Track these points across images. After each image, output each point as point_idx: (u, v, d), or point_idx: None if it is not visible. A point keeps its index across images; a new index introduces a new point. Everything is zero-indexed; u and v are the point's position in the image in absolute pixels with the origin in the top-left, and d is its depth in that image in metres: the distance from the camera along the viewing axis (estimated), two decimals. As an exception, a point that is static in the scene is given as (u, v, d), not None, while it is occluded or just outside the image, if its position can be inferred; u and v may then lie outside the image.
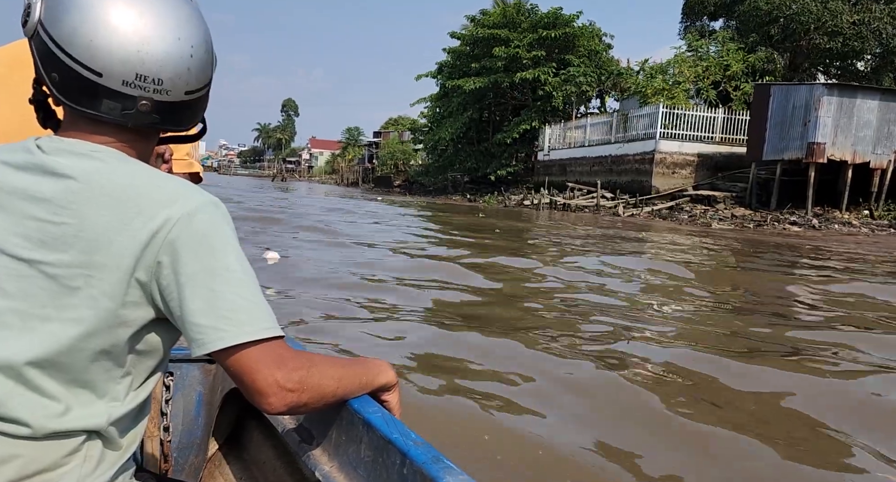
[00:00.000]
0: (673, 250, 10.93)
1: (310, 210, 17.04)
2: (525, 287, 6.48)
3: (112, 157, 0.83)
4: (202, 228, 0.81)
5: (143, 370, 0.86)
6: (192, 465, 1.51)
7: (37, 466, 0.77)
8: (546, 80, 29.70)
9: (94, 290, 0.78)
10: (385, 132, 62.07)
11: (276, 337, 0.82)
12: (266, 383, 0.81)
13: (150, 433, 1.38)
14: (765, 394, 3.33)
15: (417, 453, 0.85)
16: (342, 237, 10.42)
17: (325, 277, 6.29)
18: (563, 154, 28.79)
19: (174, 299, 0.80)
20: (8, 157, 0.84)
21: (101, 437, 0.83)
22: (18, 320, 0.78)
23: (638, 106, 23.53)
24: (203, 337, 0.80)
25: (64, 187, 0.80)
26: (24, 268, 0.79)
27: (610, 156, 24.59)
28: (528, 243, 11.45)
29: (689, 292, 6.53)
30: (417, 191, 39.76)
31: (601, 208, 21.78)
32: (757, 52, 22.33)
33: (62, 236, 0.78)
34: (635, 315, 5.22)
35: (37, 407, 0.77)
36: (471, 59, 32.97)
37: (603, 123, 26.00)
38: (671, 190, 21.46)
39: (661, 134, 21.58)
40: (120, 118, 0.84)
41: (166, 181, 0.84)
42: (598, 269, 7.91)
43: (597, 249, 10.32)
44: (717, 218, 18.12)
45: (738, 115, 21.68)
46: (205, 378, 1.54)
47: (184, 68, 0.84)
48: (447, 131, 34.49)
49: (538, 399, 3.08)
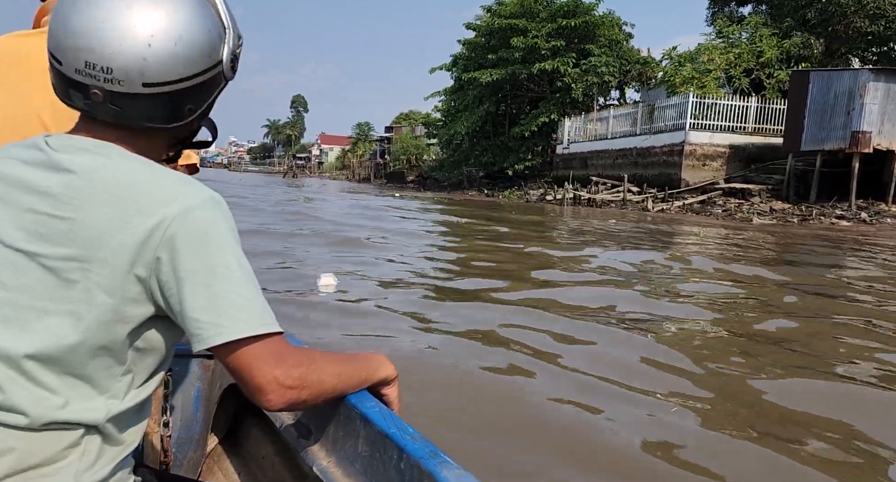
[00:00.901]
0: (730, 246, 10.11)
1: (340, 212, 16.28)
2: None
3: (114, 153, 0.83)
4: (201, 225, 0.80)
5: (144, 368, 0.86)
6: (191, 460, 1.52)
7: (34, 459, 0.77)
8: (566, 71, 28.79)
9: (91, 285, 0.78)
10: (397, 127, 61.26)
11: (274, 333, 0.82)
12: (265, 380, 0.80)
13: (150, 428, 1.37)
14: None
15: (414, 448, 0.85)
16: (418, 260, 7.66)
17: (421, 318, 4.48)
18: (583, 147, 27.94)
19: (174, 295, 0.80)
20: (18, 153, 0.85)
21: (101, 433, 0.82)
22: (16, 312, 0.78)
23: (665, 96, 22.60)
24: (201, 332, 0.79)
25: (66, 182, 0.80)
26: (23, 260, 0.79)
27: (635, 148, 23.71)
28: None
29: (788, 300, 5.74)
30: (431, 186, 39.00)
31: (628, 203, 20.91)
32: (792, 38, 21.30)
33: (62, 230, 0.78)
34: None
35: (35, 398, 0.77)
36: (487, 50, 32.08)
37: (627, 115, 25.10)
38: (701, 183, 20.57)
39: (690, 125, 20.67)
40: (85, 109, 0.84)
41: (166, 177, 0.83)
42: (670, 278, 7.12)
43: (649, 245, 9.53)
44: (755, 212, 17.22)
45: (773, 103, 20.72)
46: (203, 373, 1.55)
47: (138, 58, 0.80)
48: (463, 125, 33.64)
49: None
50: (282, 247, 7.93)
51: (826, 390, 3.29)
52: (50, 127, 1.18)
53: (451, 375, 3.29)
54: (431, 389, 2.96)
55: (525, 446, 2.45)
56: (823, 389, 3.30)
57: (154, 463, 1.39)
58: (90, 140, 0.84)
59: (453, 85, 36.78)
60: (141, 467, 0.98)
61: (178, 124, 0.88)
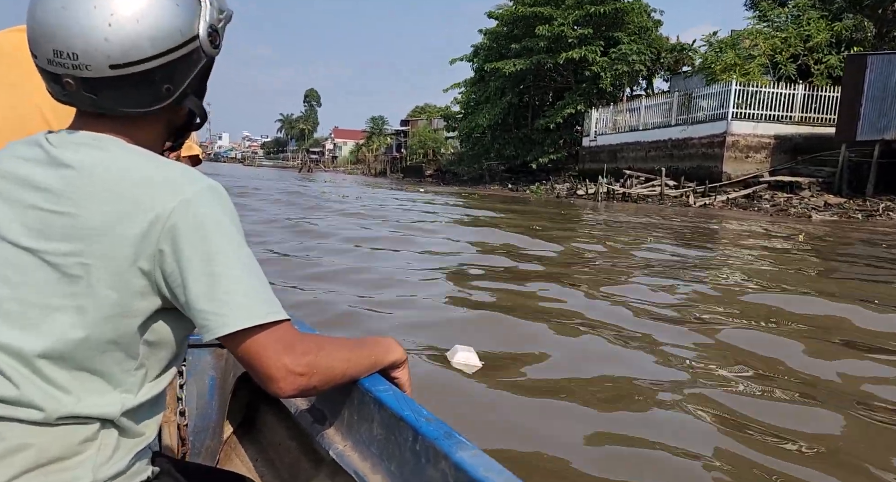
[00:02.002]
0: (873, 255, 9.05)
1: (375, 212, 15.33)
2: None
3: (113, 145, 0.83)
4: (200, 214, 0.79)
5: (157, 362, 0.85)
6: (208, 448, 1.54)
7: (52, 454, 0.77)
8: (594, 60, 27.62)
9: (95, 280, 0.77)
10: (413, 120, 60.20)
11: (281, 321, 0.81)
12: (275, 368, 0.80)
13: (167, 418, 1.36)
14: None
15: (429, 429, 0.85)
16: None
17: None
18: (612, 139, 26.82)
19: (179, 287, 0.79)
20: (20, 151, 0.85)
21: (117, 427, 0.82)
22: (23, 309, 0.78)
23: (704, 84, 21.40)
24: (208, 323, 0.79)
25: (64, 177, 0.80)
26: (26, 256, 0.79)
27: (670, 140, 22.57)
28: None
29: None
30: (450, 180, 38.06)
31: (666, 198, 19.80)
32: (843, 20, 20.00)
33: (63, 226, 0.78)
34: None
35: (48, 394, 0.77)
36: (510, 39, 30.95)
37: (661, 105, 23.94)
38: (744, 176, 19.42)
39: (733, 114, 19.51)
40: (65, 100, 0.84)
41: (165, 168, 0.82)
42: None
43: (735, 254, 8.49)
44: (810, 207, 16.08)
45: (821, 91, 19.49)
46: (217, 363, 1.56)
47: (99, 39, 0.78)
48: (484, 117, 32.54)
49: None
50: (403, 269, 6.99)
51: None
52: (52, 122, 1.20)
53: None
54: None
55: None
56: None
57: (171, 452, 1.40)
58: (88, 134, 0.84)
59: (474, 76, 35.68)
60: (159, 457, 0.97)
61: (158, 107, 0.85)
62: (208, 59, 0.88)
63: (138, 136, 0.86)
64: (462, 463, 0.77)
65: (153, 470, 0.90)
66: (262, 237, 8.09)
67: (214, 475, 1.16)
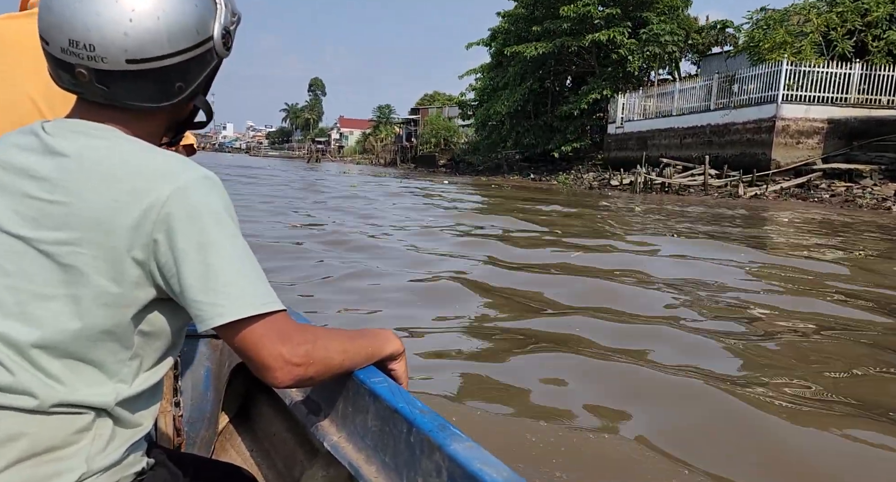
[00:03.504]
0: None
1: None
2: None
3: (110, 135, 0.82)
4: (195, 204, 0.79)
5: (152, 352, 0.85)
6: (203, 439, 1.53)
7: (46, 444, 0.76)
8: (621, 42, 26.12)
9: (89, 269, 0.77)
10: (423, 108, 58.59)
11: (277, 311, 0.81)
12: (271, 358, 0.80)
13: (162, 408, 1.35)
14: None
15: (424, 421, 0.85)
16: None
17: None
18: (640, 126, 25.40)
19: (173, 277, 0.78)
20: (16, 140, 0.84)
21: (111, 416, 0.81)
22: (18, 298, 0.77)
23: (749, 65, 19.91)
24: (202, 313, 0.78)
25: (59, 165, 0.79)
26: (20, 245, 0.78)
27: (708, 125, 21.16)
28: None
29: None
30: (465, 170, 36.74)
31: (710, 188, 18.40)
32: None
33: (57, 214, 0.77)
34: None
35: (43, 382, 0.77)
36: (530, 22, 29.40)
37: (698, 88, 22.48)
38: (795, 163, 18.01)
39: (783, 97, 18.05)
40: (74, 89, 0.83)
41: (159, 157, 0.81)
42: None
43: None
44: (878, 197, 14.68)
45: (880, 70, 18.00)
46: (212, 353, 1.55)
47: (118, 33, 0.78)
48: (503, 104, 31.07)
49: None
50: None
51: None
52: (44, 110, 1.19)
53: None
54: None
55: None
56: None
57: (167, 442, 1.39)
58: (86, 123, 0.83)
59: (491, 61, 34.21)
60: (154, 448, 0.97)
61: (168, 103, 0.85)
62: (219, 60, 0.89)
63: (139, 129, 0.85)
64: (456, 455, 0.77)
65: (148, 461, 0.89)
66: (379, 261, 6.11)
67: (209, 466, 1.15)
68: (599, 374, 3.09)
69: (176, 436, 1.38)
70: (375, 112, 72.42)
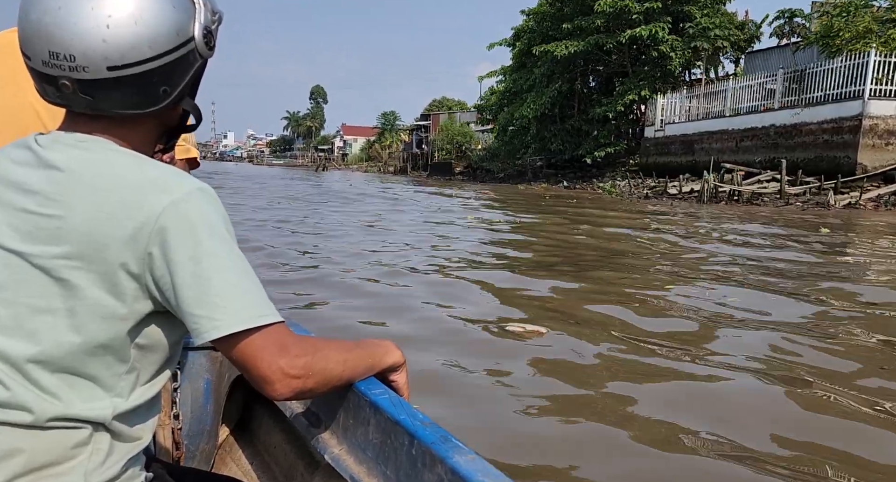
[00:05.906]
0: None
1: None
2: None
3: (101, 147, 0.82)
4: (189, 216, 0.78)
5: (149, 365, 0.84)
6: (203, 452, 1.52)
7: (44, 459, 0.76)
8: (662, 39, 24.10)
9: (84, 283, 0.76)
10: (434, 114, 56.55)
11: (274, 323, 0.80)
12: (270, 370, 0.79)
13: (161, 422, 1.33)
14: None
15: (425, 434, 0.84)
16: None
17: None
18: (684, 128, 23.38)
19: (169, 290, 0.78)
20: (10, 154, 0.84)
21: (109, 431, 0.81)
22: (14, 312, 0.77)
23: (823, 58, 17.86)
24: (199, 326, 0.77)
25: (51, 178, 0.79)
26: (14, 259, 0.78)
27: (773, 126, 19.12)
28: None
29: None
30: (483, 178, 34.70)
31: (785, 197, 16.31)
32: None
33: (51, 228, 0.77)
34: None
35: (39, 397, 0.76)
36: (559, 19, 27.40)
37: (756, 85, 20.43)
38: (886, 167, 15.94)
39: (871, 92, 16.01)
40: (60, 101, 0.82)
41: (153, 170, 0.81)
42: None
43: None
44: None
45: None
46: (211, 365, 1.53)
47: (97, 41, 0.77)
48: (529, 108, 29.01)
49: None
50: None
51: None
52: (45, 119, 1.19)
53: None
54: None
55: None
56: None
57: (166, 456, 1.38)
58: (77, 135, 0.83)
59: (514, 63, 32.18)
60: (153, 462, 0.96)
61: (155, 108, 0.85)
62: (203, 61, 0.88)
63: (131, 138, 0.85)
64: (458, 467, 0.76)
65: (147, 475, 0.89)
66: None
67: (209, 479, 1.14)
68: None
69: (175, 450, 1.37)
70: (380, 119, 70.72)
